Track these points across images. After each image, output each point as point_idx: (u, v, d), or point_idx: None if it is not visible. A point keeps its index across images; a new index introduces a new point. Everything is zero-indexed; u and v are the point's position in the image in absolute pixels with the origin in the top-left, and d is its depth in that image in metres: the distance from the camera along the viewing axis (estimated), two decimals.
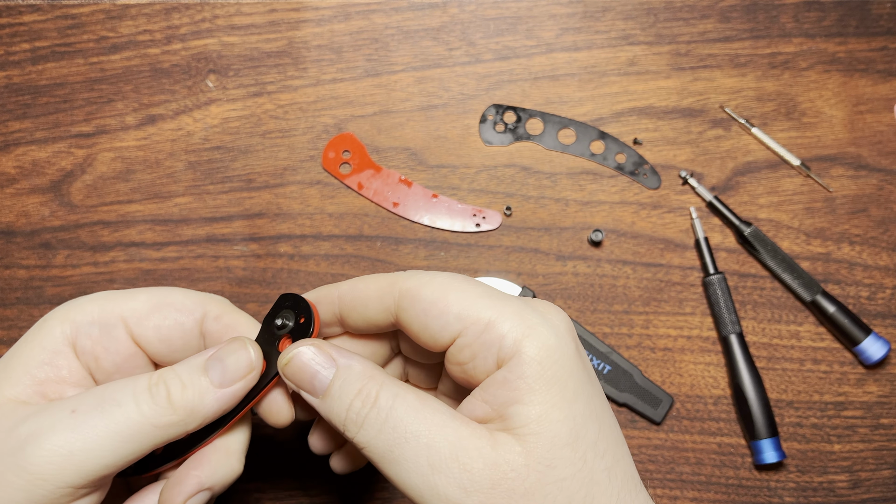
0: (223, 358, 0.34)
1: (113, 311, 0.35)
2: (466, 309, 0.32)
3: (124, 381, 0.33)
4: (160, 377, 0.33)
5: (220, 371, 0.34)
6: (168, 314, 0.36)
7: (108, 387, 0.33)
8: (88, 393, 0.32)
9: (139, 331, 0.36)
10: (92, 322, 0.35)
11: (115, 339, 0.35)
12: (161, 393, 0.33)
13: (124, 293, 0.36)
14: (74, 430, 0.31)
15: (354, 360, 0.33)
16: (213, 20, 0.55)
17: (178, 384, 0.33)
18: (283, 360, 0.34)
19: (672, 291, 0.52)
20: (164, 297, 0.36)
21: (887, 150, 0.54)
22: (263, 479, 0.50)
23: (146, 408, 0.32)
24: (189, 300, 0.36)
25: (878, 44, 0.54)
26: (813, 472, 0.51)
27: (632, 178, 0.54)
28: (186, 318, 0.36)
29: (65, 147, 0.54)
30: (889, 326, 0.52)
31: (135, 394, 0.32)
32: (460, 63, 0.55)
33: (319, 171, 0.54)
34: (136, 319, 0.35)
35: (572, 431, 0.31)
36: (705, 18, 0.55)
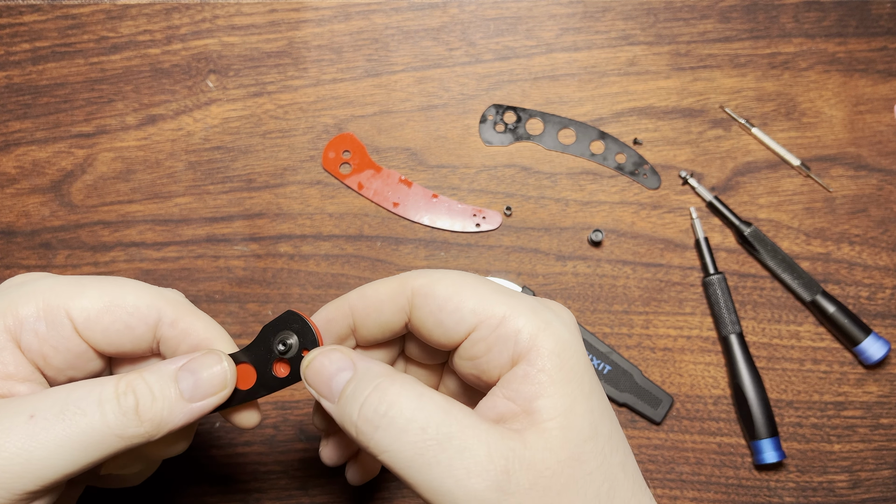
0: (196, 371, 0.33)
1: (59, 306, 0.33)
2: (481, 304, 0.32)
3: (89, 386, 0.31)
4: (129, 385, 0.31)
5: (192, 384, 0.33)
6: (118, 317, 0.34)
7: (71, 390, 0.31)
8: (49, 396, 0.31)
9: (87, 333, 0.34)
10: (37, 317, 0.33)
11: (64, 338, 0.33)
12: (129, 403, 0.31)
13: (73, 283, 0.34)
14: (33, 437, 0.29)
15: (374, 363, 0.32)
16: (214, 20, 0.55)
17: (147, 395, 0.31)
18: (304, 363, 0.33)
19: (672, 291, 0.52)
20: (116, 297, 0.34)
21: (887, 151, 0.54)
22: (263, 480, 0.50)
23: (112, 418, 0.30)
24: (143, 301, 0.34)
25: (878, 44, 0.54)
26: (813, 472, 0.51)
27: (632, 178, 0.54)
28: (138, 323, 0.34)
29: (65, 147, 0.54)
30: (889, 326, 0.52)
31: (100, 402, 0.31)
32: (460, 63, 0.55)
33: (320, 172, 0.54)
34: (83, 320, 0.33)
35: (592, 425, 0.31)
36: (705, 19, 0.55)
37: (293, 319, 0.34)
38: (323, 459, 0.38)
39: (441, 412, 0.30)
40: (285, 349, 0.34)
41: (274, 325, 0.34)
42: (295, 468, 0.50)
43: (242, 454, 0.50)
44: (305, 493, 0.50)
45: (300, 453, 0.51)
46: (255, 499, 0.50)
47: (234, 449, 0.50)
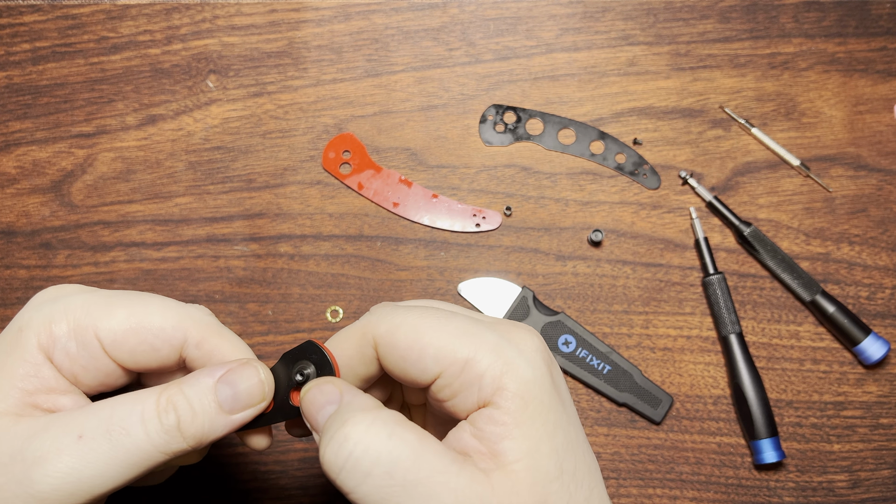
0: (235, 383, 0.33)
1: (89, 326, 0.34)
2: (442, 350, 0.31)
3: (131, 403, 0.32)
4: (169, 401, 0.32)
5: (231, 396, 0.33)
6: (144, 338, 0.34)
7: (114, 408, 0.32)
8: (94, 414, 0.32)
9: (114, 353, 0.34)
10: (68, 337, 0.34)
11: (93, 357, 0.34)
12: (171, 421, 0.32)
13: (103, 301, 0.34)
14: (82, 457, 0.31)
15: (357, 396, 0.32)
16: (214, 20, 0.55)
17: (188, 411, 0.32)
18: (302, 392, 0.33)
19: (672, 291, 0.53)
20: (143, 318, 0.34)
21: (887, 151, 0.54)
22: (263, 480, 0.50)
23: (156, 436, 0.32)
24: (168, 323, 0.35)
25: (878, 44, 0.54)
26: (812, 472, 0.51)
27: (632, 179, 0.54)
28: (163, 344, 0.35)
29: (65, 147, 0.54)
30: (888, 326, 0.52)
31: (143, 420, 0.32)
32: (460, 63, 0.55)
33: (320, 172, 0.54)
34: (110, 341, 0.34)
35: (557, 465, 0.30)
36: (705, 19, 0.55)
37: (312, 350, 0.34)
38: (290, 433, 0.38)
39: (411, 455, 0.29)
40: (303, 379, 0.34)
41: (293, 353, 0.34)
42: (295, 468, 0.50)
43: (242, 454, 0.50)
44: (305, 493, 0.50)
45: (300, 453, 0.51)
46: (255, 499, 0.50)
47: (234, 449, 0.50)
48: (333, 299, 0.52)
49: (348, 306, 0.52)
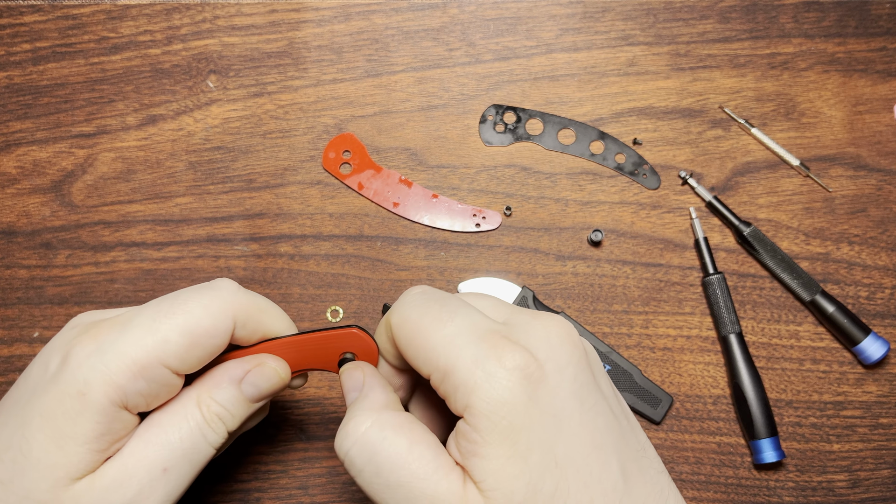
0: (259, 385, 0.38)
1: (153, 364, 0.35)
2: (429, 355, 0.33)
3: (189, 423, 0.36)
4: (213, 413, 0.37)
5: (256, 393, 0.38)
6: (206, 344, 0.36)
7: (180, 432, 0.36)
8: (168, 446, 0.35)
9: (182, 368, 0.36)
10: (136, 379, 0.34)
11: (165, 385, 0.36)
12: (220, 429, 0.37)
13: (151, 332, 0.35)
14: (171, 484, 0.36)
15: (373, 391, 0.36)
16: (214, 21, 0.55)
17: (229, 416, 0.37)
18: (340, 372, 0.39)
19: (671, 291, 0.53)
20: (196, 328, 0.36)
21: (886, 151, 0.54)
22: (263, 479, 0.50)
23: (213, 441, 0.37)
24: (218, 319, 0.36)
25: (878, 44, 0.54)
26: (812, 472, 0.51)
27: (631, 179, 0.54)
28: (221, 339, 0.37)
29: (66, 147, 0.54)
30: (888, 326, 0.52)
31: (204, 434, 0.36)
32: (460, 63, 0.55)
33: (320, 172, 0.54)
34: (178, 363, 0.35)
35: (528, 486, 0.31)
36: (705, 19, 0.55)
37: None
38: None
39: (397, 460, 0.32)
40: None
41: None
42: (295, 468, 0.50)
43: (243, 453, 0.50)
44: (306, 493, 0.50)
45: (300, 453, 0.51)
46: (256, 498, 0.50)
47: (235, 448, 0.50)
48: (333, 299, 0.52)
49: (348, 306, 0.52)
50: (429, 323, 0.34)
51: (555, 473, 0.31)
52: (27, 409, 0.34)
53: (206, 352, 0.36)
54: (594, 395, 0.33)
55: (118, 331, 0.35)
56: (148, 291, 0.52)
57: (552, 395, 0.32)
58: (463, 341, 0.33)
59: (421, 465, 0.32)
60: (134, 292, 0.52)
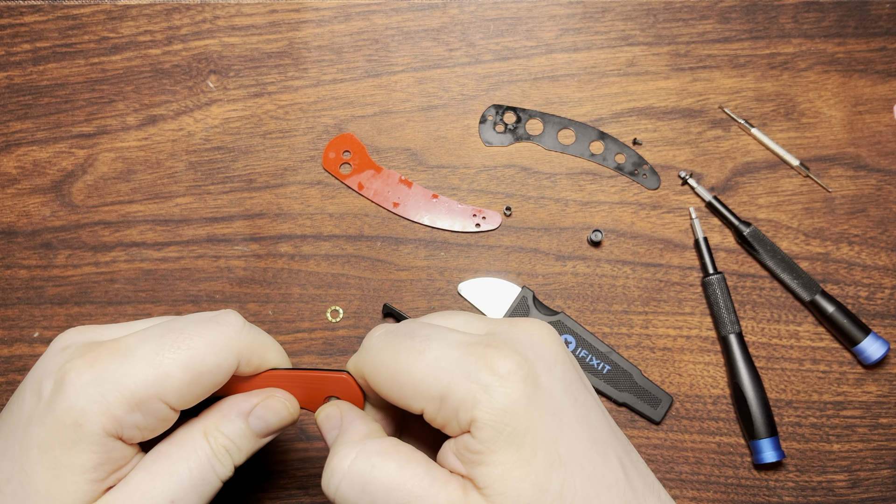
0: (266, 418, 0.38)
1: (151, 398, 0.34)
2: (418, 388, 0.33)
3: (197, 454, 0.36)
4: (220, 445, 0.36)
5: (263, 426, 0.38)
6: (206, 382, 0.35)
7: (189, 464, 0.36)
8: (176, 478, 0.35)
9: (180, 404, 0.35)
10: (132, 410, 0.34)
11: (161, 419, 0.35)
12: (227, 462, 0.37)
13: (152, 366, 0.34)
14: None
15: (352, 424, 0.36)
16: (214, 21, 0.55)
17: (236, 450, 0.37)
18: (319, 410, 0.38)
19: (671, 291, 0.53)
20: (199, 365, 0.35)
21: (886, 151, 0.54)
22: (263, 479, 0.50)
23: (221, 474, 0.36)
24: (222, 357, 0.36)
25: (877, 44, 0.54)
26: (812, 472, 0.51)
27: (631, 179, 0.54)
28: (223, 377, 0.36)
29: (66, 147, 0.54)
30: (888, 326, 0.52)
31: (213, 466, 0.36)
32: (460, 64, 0.55)
33: (320, 172, 0.54)
34: (177, 399, 0.35)
35: (535, 487, 0.31)
36: (704, 19, 0.55)
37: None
38: None
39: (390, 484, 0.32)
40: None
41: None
42: (295, 468, 0.50)
43: None
44: (306, 493, 0.50)
45: (300, 453, 0.51)
46: (256, 498, 0.50)
47: None
48: (333, 299, 0.53)
49: (348, 306, 0.52)
50: (405, 358, 0.34)
51: (560, 472, 0.31)
52: (25, 439, 0.34)
53: (206, 389, 0.36)
54: (583, 391, 0.34)
55: (118, 360, 0.34)
56: (148, 291, 0.53)
57: (548, 394, 0.33)
58: (448, 363, 0.33)
59: (415, 483, 0.32)
60: (134, 292, 0.53)
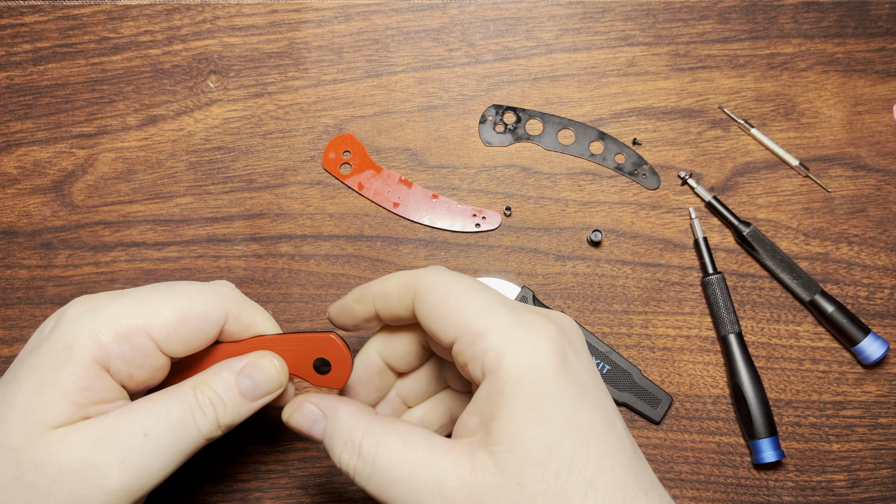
0: (254, 377, 0.38)
1: (139, 329, 0.36)
2: (461, 318, 0.34)
3: (180, 401, 0.36)
4: (204, 395, 0.37)
5: (251, 387, 0.38)
6: (194, 326, 0.37)
7: (168, 406, 0.36)
8: (153, 413, 0.35)
9: (168, 347, 0.37)
10: (120, 342, 0.36)
11: (147, 356, 0.37)
12: (211, 415, 0.37)
13: (143, 302, 0.37)
14: (150, 452, 0.35)
15: (340, 411, 0.36)
16: (214, 21, 0.55)
17: (221, 406, 0.37)
18: (285, 414, 0.38)
19: (671, 291, 0.53)
20: (187, 308, 0.37)
21: (886, 151, 0.54)
22: (264, 479, 0.50)
23: (203, 427, 0.36)
24: (210, 307, 0.38)
25: (877, 44, 0.54)
26: (811, 472, 0.51)
27: (631, 179, 0.54)
28: (210, 326, 0.38)
29: (66, 147, 0.54)
30: (888, 326, 0.52)
31: (193, 414, 0.36)
32: (460, 64, 0.55)
33: (320, 172, 0.54)
34: (164, 337, 0.36)
35: (545, 448, 0.31)
36: (704, 19, 0.55)
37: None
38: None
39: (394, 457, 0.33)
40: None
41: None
42: (295, 468, 0.51)
43: (243, 454, 0.51)
44: (306, 493, 0.50)
45: (301, 452, 0.51)
46: (256, 498, 0.50)
47: (235, 448, 0.50)
48: (334, 299, 0.53)
49: None
50: (463, 290, 0.35)
51: (574, 440, 0.32)
52: (19, 365, 0.36)
53: (193, 335, 0.37)
54: (602, 383, 0.36)
55: (113, 297, 0.37)
56: None
57: (575, 370, 0.34)
58: (498, 308, 0.34)
59: (418, 454, 0.33)
60: None
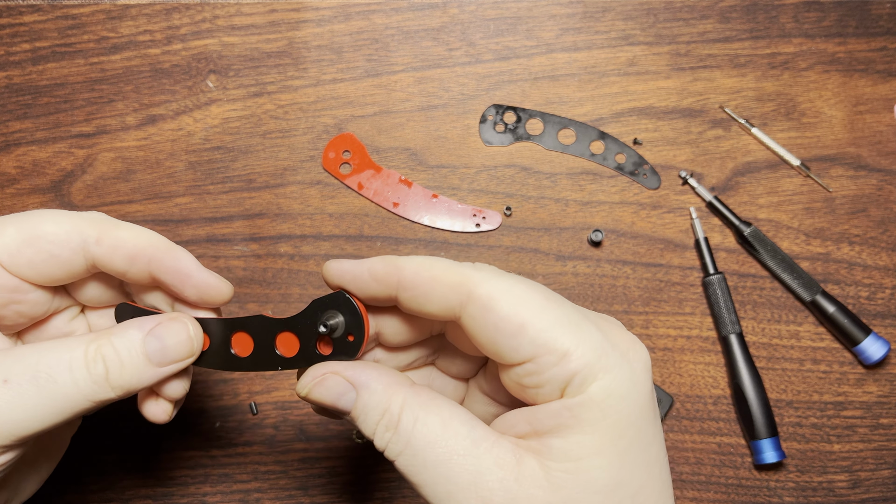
0: (163, 337, 0.34)
1: None
2: (543, 333, 0.29)
3: (59, 350, 0.32)
4: (98, 351, 0.32)
5: (159, 349, 0.33)
6: (40, 247, 0.34)
7: (42, 354, 0.32)
8: (21, 360, 0.32)
9: (14, 267, 0.34)
10: None
11: None
12: (99, 371, 0.32)
13: None
14: (8, 401, 0.31)
15: (373, 381, 0.32)
16: (214, 20, 0.55)
17: (116, 363, 0.32)
18: (303, 388, 0.33)
19: (672, 291, 0.52)
20: (35, 228, 0.34)
21: (887, 151, 0.54)
22: (263, 480, 0.50)
23: (83, 385, 0.32)
24: (62, 228, 0.34)
25: (878, 44, 0.54)
26: (812, 472, 0.51)
27: (632, 179, 0.54)
28: (61, 249, 0.34)
29: (65, 147, 0.54)
30: (888, 326, 0.52)
31: (71, 368, 0.31)
32: (460, 63, 0.55)
33: (320, 172, 0.54)
34: (7, 256, 0.33)
35: (614, 479, 0.29)
36: (705, 19, 0.55)
37: (343, 302, 0.33)
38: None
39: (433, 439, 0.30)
40: (328, 330, 0.33)
41: (323, 302, 0.33)
42: (295, 468, 0.50)
43: (242, 454, 0.50)
44: (305, 493, 0.50)
45: (300, 453, 0.51)
46: (255, 499, 0.50)
47: (235, 449, 0.50)
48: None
49: None
50: (541, 299, 0.30)
51: (643, 475, 0.30)
52: None
53: (41, 256, 0.34)
54: None
55: None
56: None
57: (652, 395, 0.31)
58: (583, 324, 0.30)
59: (458, 442, 0.30)
60: None
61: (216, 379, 0.51)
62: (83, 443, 0.50)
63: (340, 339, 0.33)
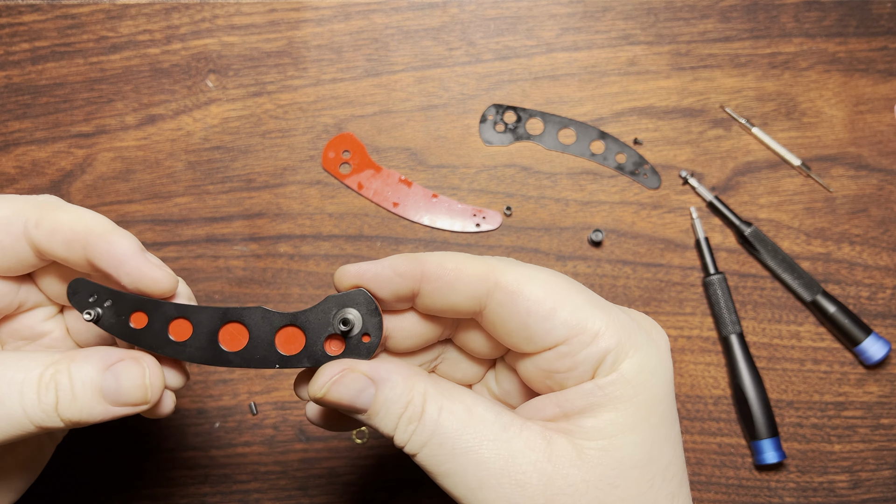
0: (120, 377, 0.32)
1: None
2: (576, 315, 0.30)
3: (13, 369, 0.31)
4: (52, 378, 0.31)
5: (114, 389, 0.32)
6: None
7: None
8: None
9: None
10: None
11: None
12: (49, 399, 0.31)
13: None
14: None
15: (393, 374, 0.31)
16: (213, 20, 0.55)
17: (68, 394, 0.31)
18: (320, 388, 0.31)
19: (672, 291, 0.52)
20: None
21: (887, 150, 0.54)
22: (263, 480, 0.50)
23: (31, 411, 0.30)
24: (3, 212, 0.33)
25: (879, 44, 0.54)
26: (813, 473, 0.51)
27: (632, 178, 0.54)
28: (4, 235, 0.33)
29: (65, 147, 0.54)
30: (889, 326, 0.52)
31: (22, 392, 0.30)
32: (460, 63, 0.55)
33: (319, 171, 0.54)
34: None
35: (647, 454, 0.30)
36: (705, 18, 0.55)
37: (363, 300, 0.32)
38: (310, 418, 0.36)
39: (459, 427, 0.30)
40: (347, 329, 0.31)
41: (340, 299, 0.32)
42: (295, 468, 0.50)
43: (242, 454, 0.50)
44: (305, 494, 0.50)
45: (300, 453, 0.51)
46: (255, 499, 0.50)
47: (234, 449, 0.50)
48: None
49: None
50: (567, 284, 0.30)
51: (671, 451, 0.31)
52: None
53: None
54: None
55: None
56: None
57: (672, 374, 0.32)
58: (608, 306, 0.31)
59: (486, 427, 0.30)
60: None
61: (216, 379, 0.51)
62: (83, 442, 0.50)
63: (355, 338, 0.32)
